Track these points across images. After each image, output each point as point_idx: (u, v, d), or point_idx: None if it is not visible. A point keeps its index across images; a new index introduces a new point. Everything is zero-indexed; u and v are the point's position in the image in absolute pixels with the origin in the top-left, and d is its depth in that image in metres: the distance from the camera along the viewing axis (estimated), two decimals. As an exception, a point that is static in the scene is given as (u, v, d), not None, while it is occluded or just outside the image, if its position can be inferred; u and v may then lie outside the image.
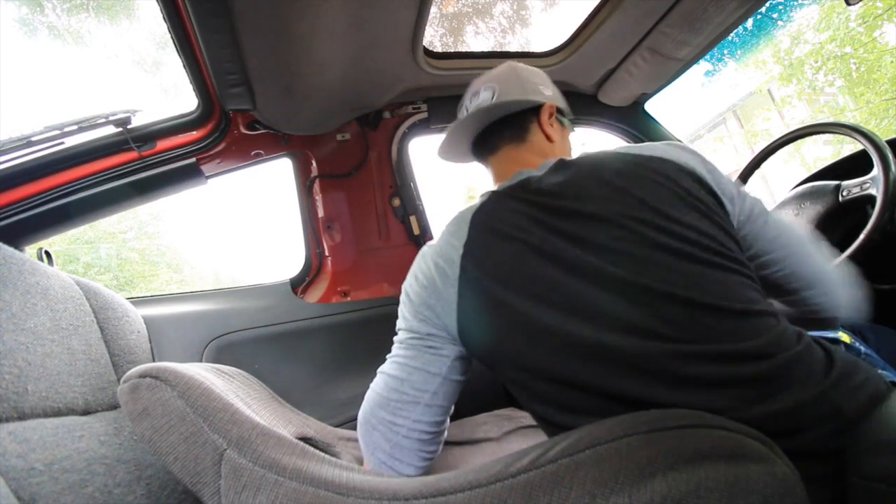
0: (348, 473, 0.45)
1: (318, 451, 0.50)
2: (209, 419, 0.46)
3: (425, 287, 0.64)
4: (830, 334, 0.79)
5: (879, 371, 0.60)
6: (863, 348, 0.78)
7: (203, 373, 0.55)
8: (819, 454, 0.45)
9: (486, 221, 0.63)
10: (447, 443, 0.76)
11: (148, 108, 1.09)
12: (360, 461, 0.73)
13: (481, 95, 0.78)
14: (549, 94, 0.79)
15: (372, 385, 0.66)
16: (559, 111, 0.79)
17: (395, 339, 0.68)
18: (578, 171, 0.64)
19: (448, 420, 0.67)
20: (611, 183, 0.60)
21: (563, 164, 0.67)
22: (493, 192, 0.68)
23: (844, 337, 0.79)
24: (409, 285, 0.68)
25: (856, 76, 6.37)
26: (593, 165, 0.64)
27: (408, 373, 0.62)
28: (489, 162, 0.79)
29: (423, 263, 0.67)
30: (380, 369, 0.67)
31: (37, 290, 0.68)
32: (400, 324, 0.68)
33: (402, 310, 0.68)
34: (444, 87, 1.28)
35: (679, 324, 0.51)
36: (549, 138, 0.76)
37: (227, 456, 0.44)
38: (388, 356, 0.67)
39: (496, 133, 0.78)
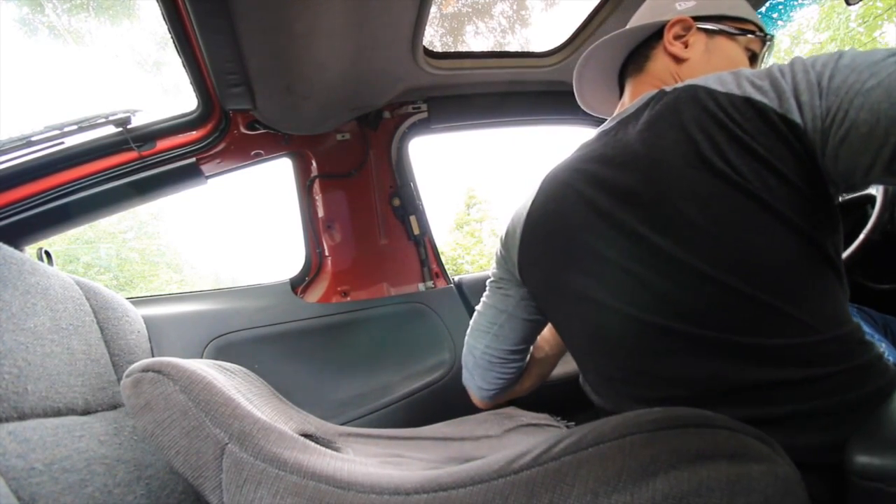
0: (349, 468, 0.45)
1: (318, 446, 0.50)
2: (211, 413, 0.46)
3: (507, 233, 0.75)
4: None
5: None
6: (892, 358, 0.76)
7: (205, 368, 0.55)
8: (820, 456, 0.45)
9: (549, 180, 0.67)
10: (447, 439, 0.78)
11: (148, 107, 1.09)
12: (360, 455, 0.73)
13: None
14: (686, 6, 0.67)
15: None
16: (715, 19, 0.66)
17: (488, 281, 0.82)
18: (640, 127, 0.57)
19: (527, 353, 0.82)
20: (660, 153, 0.52)
21: (643, 108, 0.60)
22: (582, 145, 0.68)
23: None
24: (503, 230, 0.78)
25: (855, 76, 6.36)
26: (657, 117, 0.56)
27: (485, 308, 0.79)
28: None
29: (512, 213, 0.77)
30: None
31: (37, 290, 0.68)
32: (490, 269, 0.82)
33: (494, 254, 0.80)
34: (444, 87, 1.28)
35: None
36: (676, 58, 0.66)
37: (228, 450, 0.44)
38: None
39: (623, 72, 0.73)
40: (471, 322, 0.81)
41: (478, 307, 0.80)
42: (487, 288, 0.80)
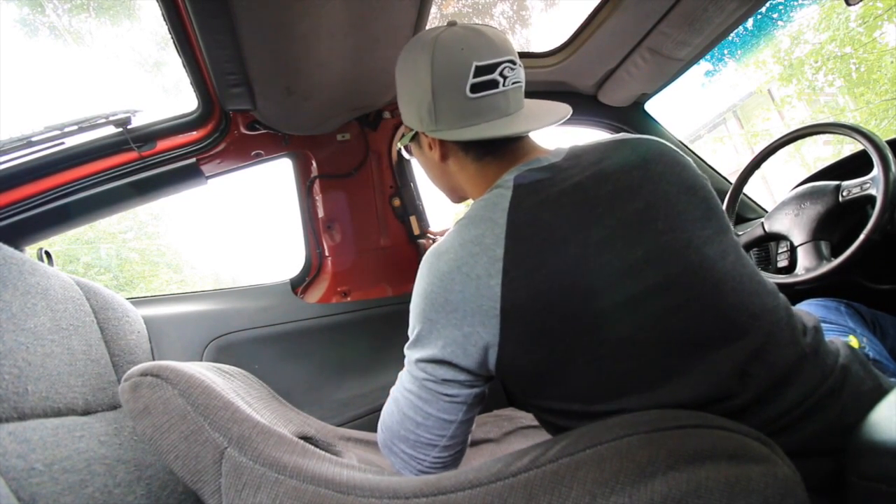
0: (349, 472, 0.45)
1: (318, 450, 0.50)
2: (210, 417, 0.46)
3: None
4: (840, 336, 0.79)
5: (890, 379, 0.58)
6: (871, 353, 0.77)
7: (204, 371, 0.55)
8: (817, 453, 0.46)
9: None
10: None
11: (148, 108, 1.09)
12: (360, 460, 0.73)
13: (518, 74, 0.65)
14: None
15: (388, 411, 0.63)
16: None
17: (416, 367, 0.60)
18: None
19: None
20: None
21: None
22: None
23: (854, 341, 0.78)
24: None
25: (856, 76, 6.35)
26: None
27: (423, 417, 0.59)
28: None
29: None
30: (395, 396, 0.62)
31: (37, 290, 0.68)
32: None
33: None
34: (445, 87, 1.27)
35: None
36: None
37: (227, 454, 0.44)
38: (402, 380, 0.62)
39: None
40: (396, 426, 0.61)
41: (406, 409, 0.60)
42: (418, 386, 0.59)
